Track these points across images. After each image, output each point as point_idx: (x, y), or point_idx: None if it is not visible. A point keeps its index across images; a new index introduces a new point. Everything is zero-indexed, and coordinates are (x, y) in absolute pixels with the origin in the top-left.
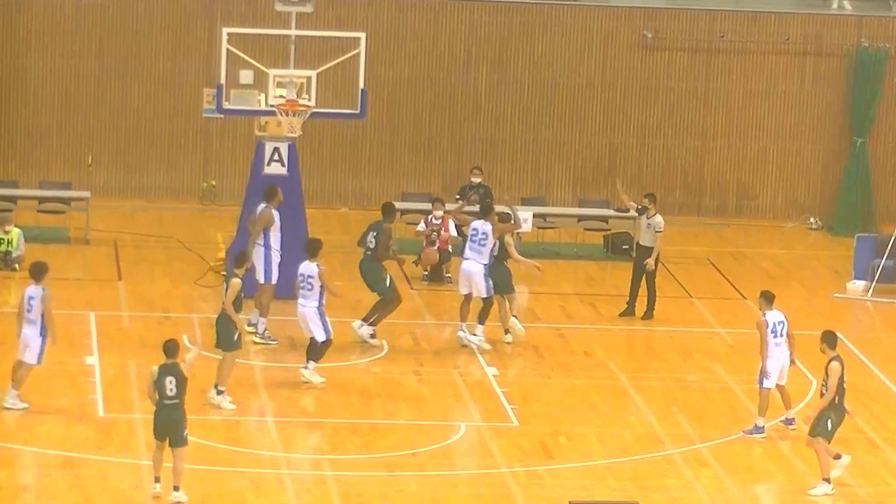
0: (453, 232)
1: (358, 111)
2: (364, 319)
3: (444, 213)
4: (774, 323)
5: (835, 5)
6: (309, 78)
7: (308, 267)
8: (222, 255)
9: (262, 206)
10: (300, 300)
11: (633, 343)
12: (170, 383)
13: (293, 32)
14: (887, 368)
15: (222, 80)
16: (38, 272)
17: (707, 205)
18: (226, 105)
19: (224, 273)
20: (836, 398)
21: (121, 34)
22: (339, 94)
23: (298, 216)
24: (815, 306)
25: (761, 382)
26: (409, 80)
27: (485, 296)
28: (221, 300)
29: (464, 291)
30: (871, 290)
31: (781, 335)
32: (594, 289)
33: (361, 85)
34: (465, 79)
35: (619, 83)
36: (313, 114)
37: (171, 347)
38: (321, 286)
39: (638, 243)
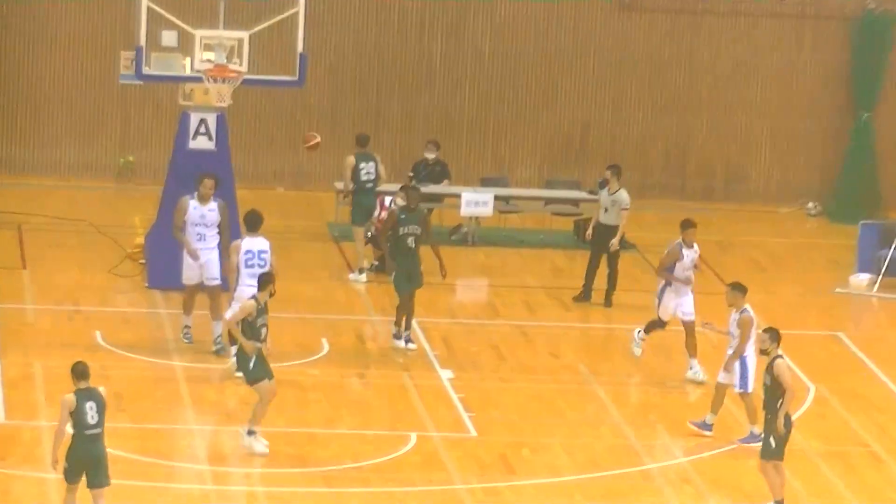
0: None
1: (296, 78)
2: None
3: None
4: (755, 319)
5: None
6: (241, 40)
7: (258, 242)
8: (140, 240)
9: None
10: (249, 281)
11: (605, 342)
12: (90, 409)
13: None
14: (895, 372)
15: (142, 42)
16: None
17: (691, 187)
18: (146, 70)
19: (142, 262)
20: (778, 408)
21: None
22: (275, 58)
23: (229, 197)
24: (813, 302)
25: (746, 386)
26: (356, 45)
27: None
28: (143, 288)
29: None
30: (876, 285)
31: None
32: (562, 281)
33: (300, 49)
34: (418, 44)
35: (592, 50)
36: (245, 80)
37: (82, 370)
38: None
39: (598, 222)
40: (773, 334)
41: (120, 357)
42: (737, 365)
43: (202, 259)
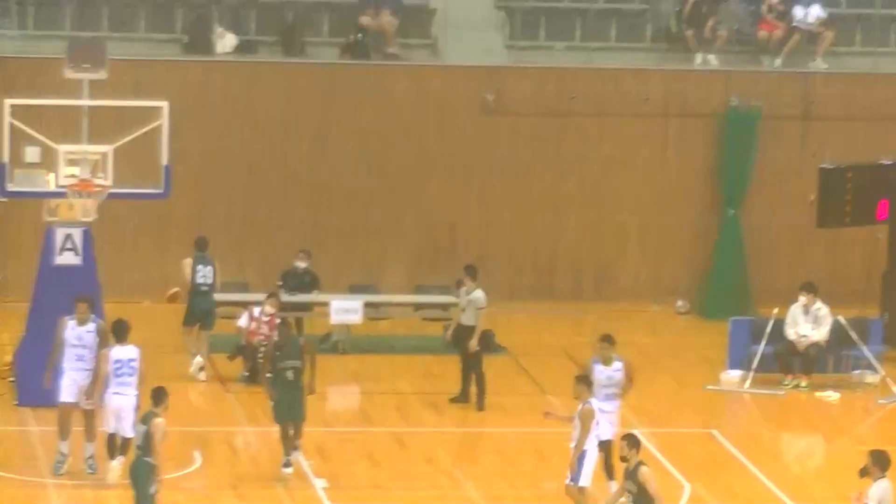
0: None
1: (161, 190)
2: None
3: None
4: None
5: (699, 60)
6: (105, 154)
7: (126, 350)
8: (9, 357)
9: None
10: (117, 389)
11: (481, 447)
12: None
13: (85, 103)
14: (769, 469)
15: (5, 159)
16: None
17: (561, 287)
18: (10, 187)
19: (11, 380)
20: None
21: None
22: (140, 170)
23: (96, 311)
24: (686, 400)
25: (577, 479)
26: (220, 153)
27: None
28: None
29: None
30: (748, 381)
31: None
32: (435, 386)
33: (165, 160)
34: (283, 150)
35: (459, 152)
36: (111, 194)
37: None
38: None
39: (459, 323)
40: (632, 440)
41: None
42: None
43: (78, 380)
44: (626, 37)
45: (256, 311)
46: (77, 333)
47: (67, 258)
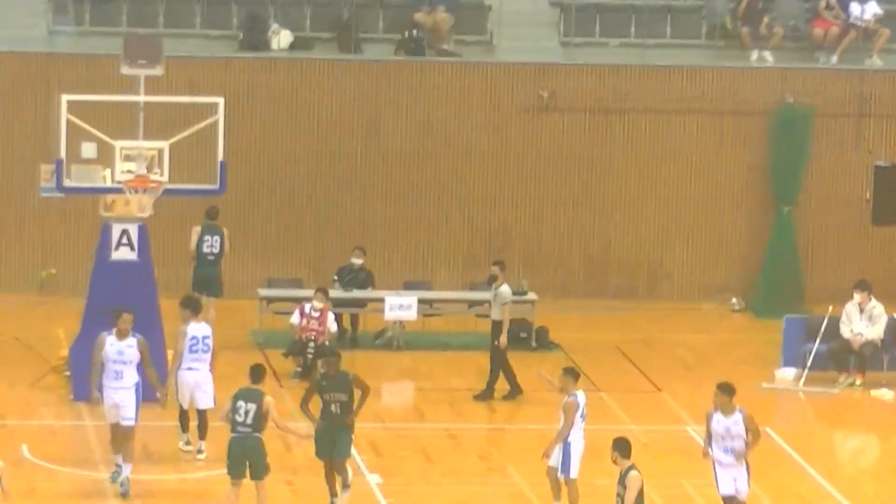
0: (332, 327)
1: (217, 186)
2: None
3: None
4: (582, 405)
5: (754, 57)
6: (160, 150)
7: (200, 327)
8: (65, 352)
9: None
10: (192, 364)
11: (533, 444)
12: None
13: (142, 99)
14: (823, 467)
15: (62, 155)
16: None
17: (614, 286)
18: (66, 182)
19: (67, 374)
20: None
21: None
22: (195, 167)
23: (151, 308)
24: (739, 398)
25: (567, 471)
26: (274, 150)
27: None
28: (69, 401)
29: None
30: (802, 379)
31: (585, 418)
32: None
33: (220, 156)
34: (337, 147)
35: (511, 150)
36: (166, 190)
37: None
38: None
39: (492, 319)
40: (620, 445)
41: (47, 470)
42: (560, 448)
43: (116, 399)
44: (680, 34)
45: (308, 307)
46: (117, 349)
47: (123, 254)
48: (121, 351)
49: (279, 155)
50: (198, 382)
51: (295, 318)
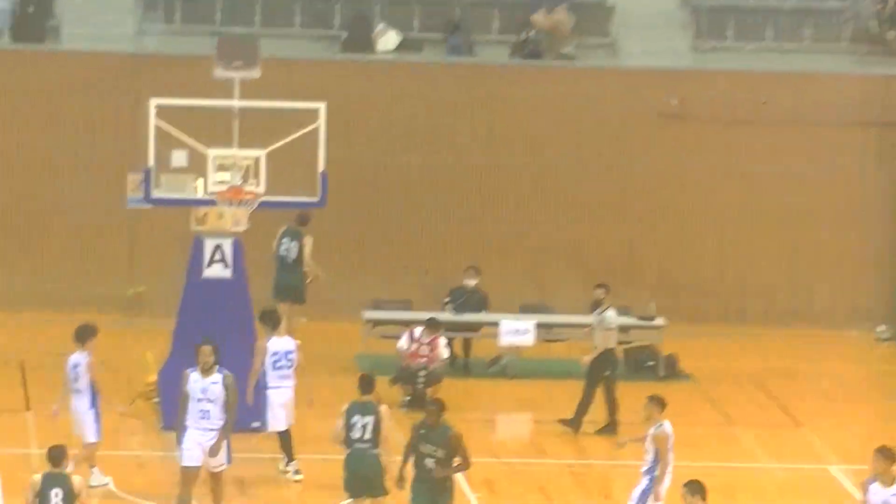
0: (444, 353)
1: (317, 199)
2: None
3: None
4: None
5: None
6: (257, 159)
7: (282, 342)
8: (153, 377)
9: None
10: (280, 383)
11: None
12: (55, 496)
13: (236, 104)
14: None
15: (150, 163)
16: (83, 335)
17: (751, 310)
18: (155, 193)
19: (156, 401)
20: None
21: (22, 106)
22: (293, 178)
23: (246, 328)
24: (888, 435)
25: None
26: (380, 160)
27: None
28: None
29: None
30: None
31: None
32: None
33: (321, 167)
34: (447, 158)
35: (638, 162)
36: (262, 203)
37: (54, 455)
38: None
39: (595, 347)
40: (694, 488)
41: None
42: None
43: (203, 441)
44: (822, 38)
45: (417, 331)
46: (201, 386)
47: (216, 271)
48: (204, 389)
49: (387, 165)
50: (290, 399)
51: (403, 343)
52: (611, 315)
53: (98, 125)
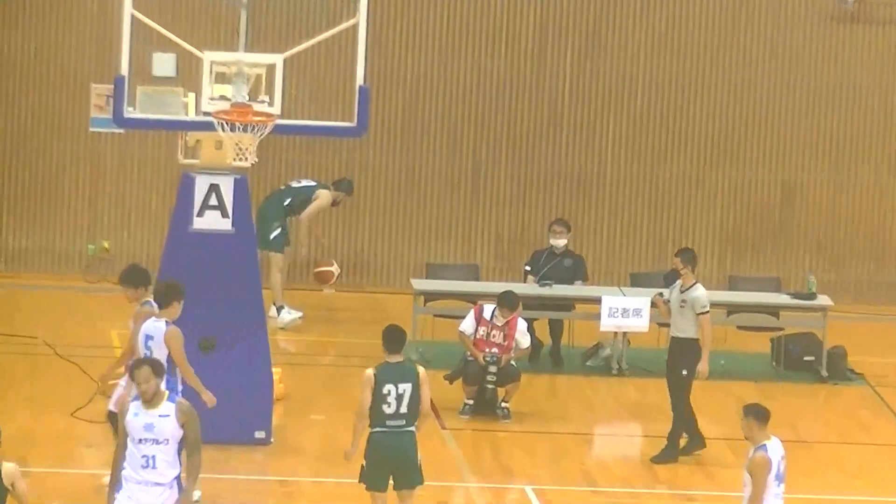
0: (524, 340)
1: (354, 124)
2: None
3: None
4: (778, 461)
5: None
6: (271, 67)
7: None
8: (120, 368)
9: None
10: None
11: None
12: None
13: None
14: None
15: (123, 71)
16: (168, 295)
17: None
18: (129, 112)
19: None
20: None
21: None
22: (322, 95)
23: (254, 296)
24: None
25: None
26: (440, 76)
27: None
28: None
29: None
30: None
31: (783, 479)
32: None
33: (360, 79)
34: (533, 74)
35: (800, 77)
36: (278, 128)
37: None
38: None
39: (672, 337)
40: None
41: None
42: None
43: (142, 500)
44: None
45: (488, 310)
46: (144, 422)
47: (212, 221)
48: (149, 425)
49: (451, 81)
50: None
51: (468, 325)
52: (700, 294)
53: (51, 19)
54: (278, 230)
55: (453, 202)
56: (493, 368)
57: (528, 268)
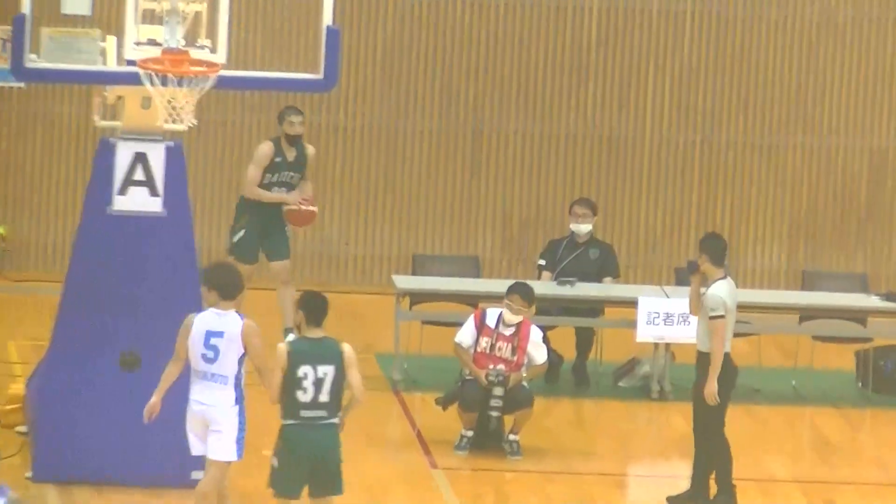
0: (539, 355)
1: (320, 76)
2: None
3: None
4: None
5: None
6: (213, 1)
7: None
8: (19, 388)
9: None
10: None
11: None
12: None
13: None
14: None
15: (24, 8)
16: (233, 286)
17: None
18: (32, 61)
19: (21, 431)
20: None
21: None
22: (280, 39)
23: (191, 298)
24: None
25: None
26: (429, 13)
27: None
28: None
29: None
30: None
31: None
32: (837, 466)
33: (328, 19)
34: (551, 10)
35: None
36: (222, 81)
37: None
38: None
39: (699, 351)
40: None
41: None
42: None
43: None
44: None
45: (492, 314)
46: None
47: (137, 200)
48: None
49: (443, 27)
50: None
51: (466, 335)
52: (718, 293)
53: None
54: (242, 231)
55: (447, 176)
56: (498, 391)
57: (542, 261)
